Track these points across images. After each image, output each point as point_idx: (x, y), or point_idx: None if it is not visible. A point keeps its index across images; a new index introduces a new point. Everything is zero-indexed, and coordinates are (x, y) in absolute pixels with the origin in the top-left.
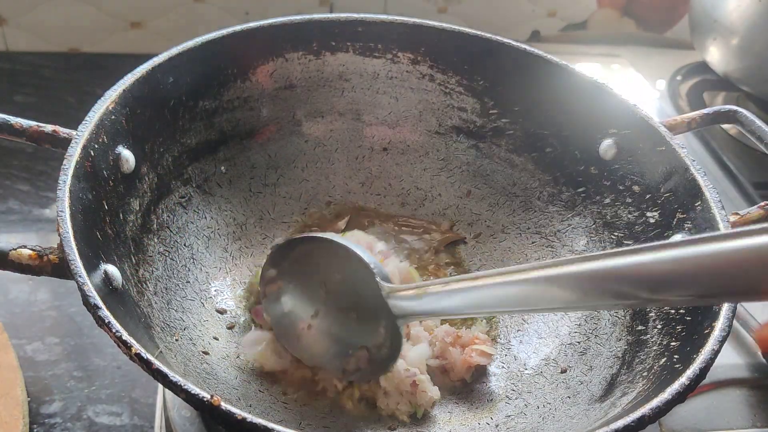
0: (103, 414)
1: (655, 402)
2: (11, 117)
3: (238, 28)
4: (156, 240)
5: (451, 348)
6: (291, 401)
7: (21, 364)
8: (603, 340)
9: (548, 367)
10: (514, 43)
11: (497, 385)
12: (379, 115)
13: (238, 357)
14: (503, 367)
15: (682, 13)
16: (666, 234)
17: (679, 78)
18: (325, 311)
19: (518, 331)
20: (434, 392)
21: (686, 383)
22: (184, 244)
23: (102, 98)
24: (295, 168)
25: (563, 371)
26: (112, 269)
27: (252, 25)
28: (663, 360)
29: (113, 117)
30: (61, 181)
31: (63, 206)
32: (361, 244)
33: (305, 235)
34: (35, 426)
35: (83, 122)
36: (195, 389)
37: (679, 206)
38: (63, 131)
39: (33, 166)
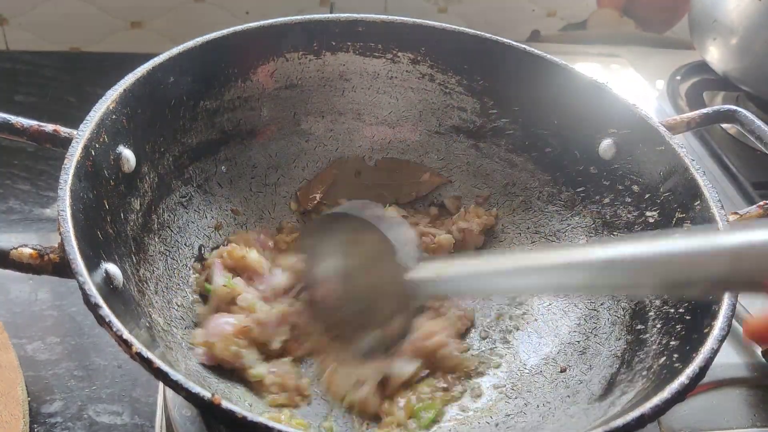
0: (103, 413)
1: (655, 401)
2: (12, 116)
3: (238, 28)
4: (157, 239)
5: None
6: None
7: (21, 363)
8: (602, 340)
9: (548, 366)
10: (514, 43)
11: (497, 384)
12: (379, 115)
13: None
14: (503, 366)
15: (682, 13)
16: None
17: (678, 78)
18: (348, 287)
19: (518, 330)
20: (373, 405)
21: (686, 382)
22: (185, 244)
23: (103, 98)
24: (295, 168)
25: (563, 370)
26: (113, 268)
27: (252, 25)
28: (662, 359)
29: (114, 116)
30: (62, 181)
31: (64, 205)
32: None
33: (337, 211)
34: (36, 425)
35: (84, 122)
36: (196, 388)
37: (678, 206)
38: (64, 131)
39: (34, 166)
